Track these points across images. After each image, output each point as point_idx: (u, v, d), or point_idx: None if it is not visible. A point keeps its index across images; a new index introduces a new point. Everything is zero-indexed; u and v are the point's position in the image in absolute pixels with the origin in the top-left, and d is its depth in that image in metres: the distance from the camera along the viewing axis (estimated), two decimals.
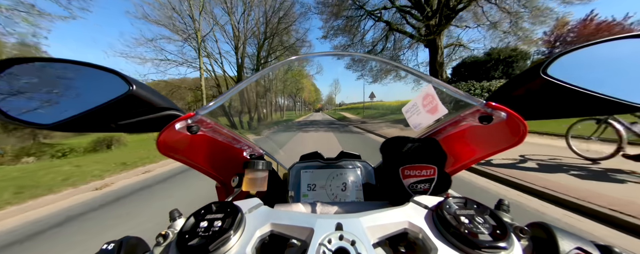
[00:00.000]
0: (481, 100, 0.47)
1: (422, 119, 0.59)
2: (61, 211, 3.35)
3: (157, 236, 0.39)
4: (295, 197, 0.78)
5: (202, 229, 0.35)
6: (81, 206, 3.46)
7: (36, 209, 3.46)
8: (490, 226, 0.35)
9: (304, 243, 0.36)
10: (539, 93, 0.43)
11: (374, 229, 0.36)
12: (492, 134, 0.55)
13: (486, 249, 0.31)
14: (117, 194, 3.93)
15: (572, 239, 0.36)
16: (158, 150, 0.50)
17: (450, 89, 0.50)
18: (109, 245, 0.39)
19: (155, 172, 5.33)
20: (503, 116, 0.45)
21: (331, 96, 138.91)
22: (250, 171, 0.65)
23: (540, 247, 0.37)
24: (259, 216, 0.40)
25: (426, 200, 0.42)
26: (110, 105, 0.42)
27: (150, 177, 4.93)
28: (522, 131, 0.46)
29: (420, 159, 0.55)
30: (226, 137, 0.66)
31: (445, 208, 0.37)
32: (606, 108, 0.41)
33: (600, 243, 0.36)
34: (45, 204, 3.60)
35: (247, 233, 0.36)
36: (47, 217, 3.14)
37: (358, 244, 0.32)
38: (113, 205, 3.43)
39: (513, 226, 0.38)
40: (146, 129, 0.48)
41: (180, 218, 0.46)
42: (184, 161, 0.60)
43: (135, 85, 0.43)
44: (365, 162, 0.85)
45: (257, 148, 0.78)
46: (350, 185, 0.78)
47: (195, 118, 0.49)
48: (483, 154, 0.62)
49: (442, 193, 0.55)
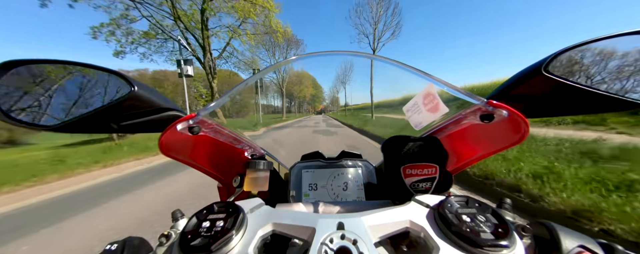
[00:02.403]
0: (482, 98, 0.47)
1: (423, 117, 0.59)
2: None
3: (160, 237, 0.39)
4: (297, 197, 0.78)
5: (205, 229, 0.36)
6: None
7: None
8: (492, 224, 0.35)
9: (305, 242, 0.36)
10: (540, 91, 0.43)
11: (376, 229, 0.36)
12: (493, 133, 0.55)
13: (488, 247, 0.31)
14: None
15: (575, 238, 0.36)
16: (160, 151, 0.51)
17: (451, 88, 0.50)
18: (112, 246, 0.39)
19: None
20: (504, 114, 0.45)
21: (336, 96, 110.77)
22: (252, 171, 0.65)
23: (543, 245, 0.37)
24: (261, 215, 0.40)
25: (428, 199, 0.42)
26: (113, 106, 0.42)
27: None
28: (524, 129, 0.46)
29: (422, 158, 0.55)
30: (227, 137, 0.66)
31: (446, 206, 0.37)
32: (608, 106, 0.41)
33: (604, 241, 0.36)
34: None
35: (249, 233, 0.36)
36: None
37: (360, 243, 0.32)
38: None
39: (515, 225, 0.38)
40: (148, 129, 0.49)
41: (182, 218, 0.46)
42: (185, 161, 0.61)
43: (138, 86, 0.43)
44: (367, 162, 0.85)
45: (258, 148, 0.78)
46: (352, 184, 0.78)
47: (197, 119, 0.49)
48: (485, 153, 0.62)
49: (444, 191, 0.55)
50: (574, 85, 0.40)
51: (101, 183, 4.80)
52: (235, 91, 0.57)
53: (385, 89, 26.42)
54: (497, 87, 0.49)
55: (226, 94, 0.56)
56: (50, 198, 3.98)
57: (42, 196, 4.04)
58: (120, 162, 6.38)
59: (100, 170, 5.70)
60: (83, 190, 4.35)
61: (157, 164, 6.33)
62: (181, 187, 4.13)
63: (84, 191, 4.31)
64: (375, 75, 16.41)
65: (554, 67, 0.41)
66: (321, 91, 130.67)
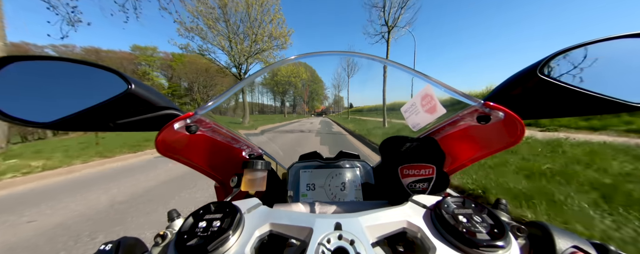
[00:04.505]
0: (479, 100, 0.48)
1: (421, 118, 0.59)
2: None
3: (156, 237, 0.39)
4: (294, 197, 0.77)
5: (201, 229, 0.35)
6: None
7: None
8: (488, 225, 0.35)
9: (303, 242, 0.36)
10: (536, 92, 0.44)
11: (373, 229, 0.36)
12: (490, 134, 0.55)
13: (484, 248, 0.31)
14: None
15: (569, 238, 0.36)
16: (157, 150, 0.50)
17: (449, 89, 0.50)
18: (106, 246, 0.39)
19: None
20: (501, 115, 0.45)
21: (340, 96, 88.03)
22: (249, 171, 0.64)
23: (538, 245, 0.38)
24: (258, 216, 0.40)
25: (425, 199, 0.42)
26: (109, 104, 0.42)
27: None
28: (520, 131, 0.46)
29: (419, 158, 0.56)
30: (225, 137, 0.66)
31: (443, 207, 0.38)
32: (603, 108, 0.41)
33: (597, 242, 0.37)
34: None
35: (246, 233, 0.36)
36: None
37: (357, 243, 0.32)
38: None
39: (510, 225, 0.38)
40: (145, 128, 0.48)
41: (178, 218, 0.46)
42: (182, 161, 0.60)
43: (134, 84, 0.42)
44: (364, 162, 0.85)
45: (256, 148, 0.77)
46: (349, 185, 0.79)
47: (194, 118, 0.49)
48: (481, 154, 0.62)
49: (441, 192, 0.55)
50: (569, 87, 0.40)
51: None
52: (233, 91, 0.57)
53: (397, 88, 22.27)
54: (493, 89, 0.49)
55: (224, 94, 0.56)
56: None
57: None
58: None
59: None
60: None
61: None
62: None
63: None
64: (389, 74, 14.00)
65: (549, 69, 0.41)
66: (322, 86, 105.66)
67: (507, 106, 0.45)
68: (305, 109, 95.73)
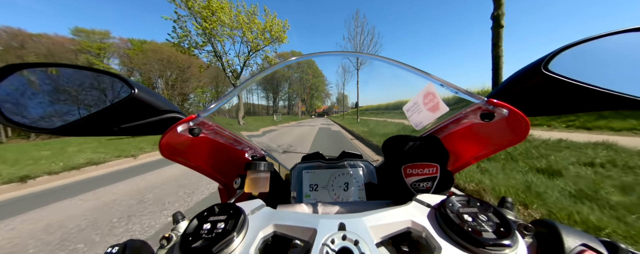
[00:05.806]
0: (482, 97, 0.47)
1: (423, 117, 0.59)
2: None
3: (161, 239, 0.39)
4: (298, 197, 0.77)
5: (205, 231, 0.36)
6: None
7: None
8: (494, 223, 0.34)
9: (307, 243, 0.36)
10: (540, 89, 0.43)
11: (377, 229, 0.36)
12: (494, 131, 0.55)
13: (490, 247, 0.31)
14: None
15: (577, 236, 0.36)
16: (160, 153, 0.51)
17: (451, 87, 0.50)
18: (113, 248, 0.39)
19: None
20: (505, 112, 0.45)
21: (344, 94, 66.89)
22: (253, 173, 0.65)
23: (545, 244, 0.37)
24: (262, 217, 0.40)
25: (429, 198, 0.41)
26: (113, 108, 0.43)
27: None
28: (524, 128, 0.46)
29: (422, 157, 0.55)
30: (228, 139, 0.66)
31: (448, 206, 0.37)
32: (609, 103, 0.40)
33: (607, 240, 0.36)
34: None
35: (250, 235, 0.36)
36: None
37: (361, 244, 0.32)
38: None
39: (517, 224, 0.37)
40: (149, 132, 0.49)
41: (183, 220, 0.46)
42: (186, 163, 0.61)
43: (138, 88, 0.43)
44: (367, 162, 0.85)
45: (258, 149, 0.78)
46: (353, 185, 0.78)
47: (197, 120, 0.49)
48: (485, 152, 0.61)
49: (445, 190, 0.55)
50: (575, 83, 0.40)
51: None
52: (235, 93, 0.57)
53: (396, 87, 21.78)
54: (497, 86, 0.49)
55: (225, 96, 0.56)
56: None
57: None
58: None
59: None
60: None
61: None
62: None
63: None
64: (386, 75, 13.89)
65: (554, 65, 0.41)
66: (323, 81, 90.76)
67: (511, 103, 0.44)
68: (301, 109, 74.81)
